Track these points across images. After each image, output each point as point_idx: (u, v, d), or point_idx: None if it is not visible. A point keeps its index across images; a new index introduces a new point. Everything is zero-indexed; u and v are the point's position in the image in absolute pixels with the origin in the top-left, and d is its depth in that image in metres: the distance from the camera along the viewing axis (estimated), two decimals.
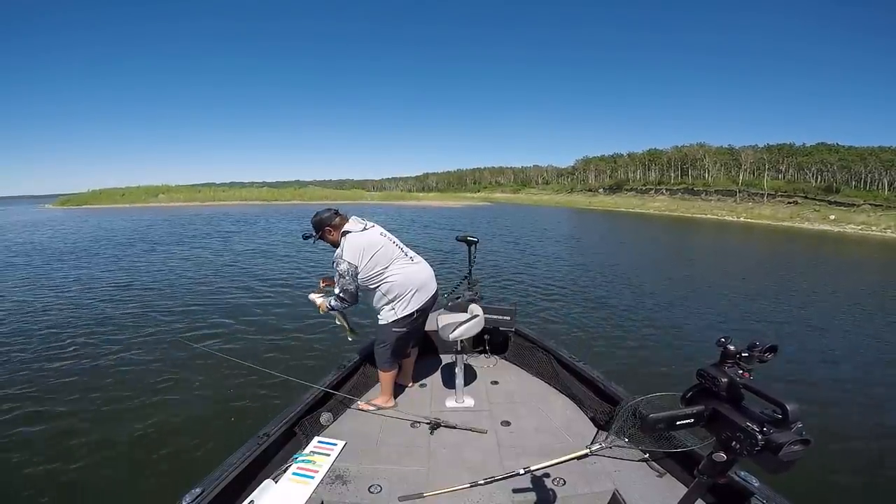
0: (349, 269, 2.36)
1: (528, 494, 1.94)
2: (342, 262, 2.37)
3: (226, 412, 4.13)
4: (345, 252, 2.38)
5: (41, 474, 3.30)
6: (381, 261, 2.42)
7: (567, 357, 2.92)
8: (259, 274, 10.97)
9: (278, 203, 60.93)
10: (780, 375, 5.08)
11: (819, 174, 53.64)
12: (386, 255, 2.44)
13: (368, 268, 2.40)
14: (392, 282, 2.45)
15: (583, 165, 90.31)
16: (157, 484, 3.14)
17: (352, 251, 2.38)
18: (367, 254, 2.39)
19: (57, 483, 3.22)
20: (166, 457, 3.49)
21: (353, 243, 2.39)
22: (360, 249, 2.38)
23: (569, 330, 6.80)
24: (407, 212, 39.51)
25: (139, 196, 65.60)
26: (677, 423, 0.97)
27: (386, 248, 2.46)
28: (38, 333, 6.36)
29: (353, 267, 2.37)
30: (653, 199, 63.16)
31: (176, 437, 3.75)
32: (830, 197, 46.40)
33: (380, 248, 2.43)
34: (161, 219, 31.72)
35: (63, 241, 18.78)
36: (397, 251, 2.51)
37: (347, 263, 2.36)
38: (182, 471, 3.22)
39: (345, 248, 2.39)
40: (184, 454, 3.52)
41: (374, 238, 2.46)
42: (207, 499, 1.64)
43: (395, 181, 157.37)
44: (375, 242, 2.44)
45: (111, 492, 3.17)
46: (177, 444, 3.66)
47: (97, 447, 3.62)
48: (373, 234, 2.48)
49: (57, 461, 3.44)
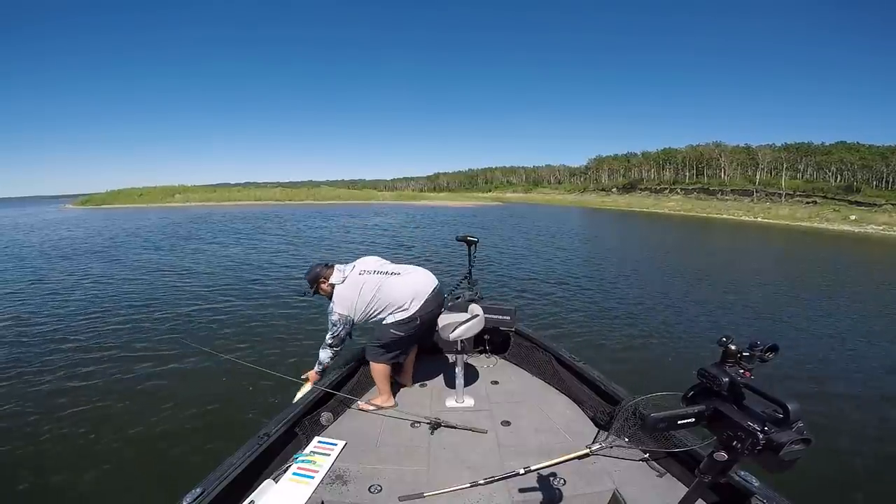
0: (341, 320, 2.54)
1: (528, 494, 1.92)
2: (333, 314, 2.55)
3: (226, 412, 4.16)
4: (336, 305, 2.55)
5: (41, 474, 3.34)
6: (367, 297, 2.53)
7: (567, 357, 2.90)
8: (261, 274, 11.09)
9: (292, 203, 61.56)
10: (780, 375, 5.05)
11: (839, 173, 52.49)
12: (371, 287, 2.54)
13: (362, 310, 2.55)
14: (386, 303, 2.55)
15: (596, 165, 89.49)
16: (158, 484, 3.17)
17: (341, 303, 2.54)
18: (354, 299, 2.53)
19: (57, 483, 3.25)
20: (166, 457, 3.52)
21: (341, 296, 2.55)
22: (348, 300, 2.53)
23: (569, 330, 6.78)
24: (418, 213, 39.62)
25: (156, 196, 67.04)
26: (678, 422, 0.98)
27: (368, 283, 2.55)
28: (40, 333, 6.50)
29: (344, 317, 2.54)
30: (667, 198, 62.39)
31: (176, 437, 3.78)
32: (851, 197, 45.38)
33: (363, 286, 2.54)
34: (185, 218, 32.43)
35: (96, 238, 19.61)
36: (381, 277, 2.58)
37: (338, 315, 2.53)
38: (182, 471, 3.23)
39: (335, 301, 2.56)
40: (184, 454, 3.54)
41: (356, 281, 2.57)
42: (208, 499, 1.64)
43: (407, 181, 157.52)
44: (357, 284, 2.55)
45: (111, 492, 3.19)
46: (177, 444, 3.69)
47: (97, 447, 3.66)
48: (352, 278, 2.58)
49: (57, 461, 3.48)
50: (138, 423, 4.00)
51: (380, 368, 2.63)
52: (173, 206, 56.35)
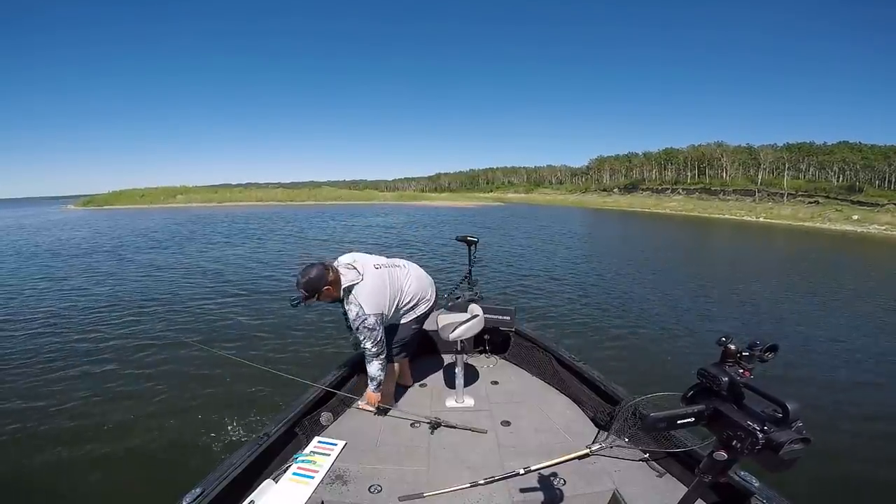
0: (378, 321, 2.32)
1: (528, 494, 1.92)
2: (369, 317, 2.29)
3: (226, 412, 4.15)
4: (366, 307, 2.29)
5: (41, 474, 3.34)
6: (392, 292, 2.41)
7: (567, 357, 2.90)
8: (262, 275, 11.10)
9: (294, 204, 61.64)
10: (780, 375, 5.02)
11: (841, 173, 52.27)
12: (392, 282, 2.44)
13: (390, 306, 2.41)
14: (409, 296, 2.51)
15: (597, 165, 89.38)
16: (158, 484, 3.15)
17: (373, 303, 2.32)
18: (385, 295, 2.37)
19: (57, 483, 3.26)
20: (166, 457, 3.52)
21: (369, 294, 2.32)
22: (379, 297, 2.35)
23: (569, 329, 6.77)
24: (419, 213, 39.65)
25: (158, 197, 67.12)
26: (678, 422, 0.98)
27: (388, 277, 2.44)
28: (39, 332, 6.54)
29: (379, 317, 2.33)
30: (669, 198, 62.28)
31: (176, 437, 3.78)
32: (853, 196, 45.16)
33: (385, 281, 2.41)
34: (189, 219, 32.52)
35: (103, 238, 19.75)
36: (393, 271, 2.50)
37: (374, 317, 2.30)
38: (182, 471, 3.23)
39: (362, 303, 2.29)
40: (184, 454, 3.54)
41: (377, 275, 2.40)
42: (208, 499, 1.64)
43: (408, 181, 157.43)
44: (381, 278, 2.40)
45: (112, 492, 3.19)
46: (177, 443, 3.69)
47: (97, 447, 3.65)
48: (371, 273, 2.38)
49: (57, 461, 3.47)
50: (138, 422, 4.00)
51: (391, 368, 2.65)
52: (175, 207, 56.43)
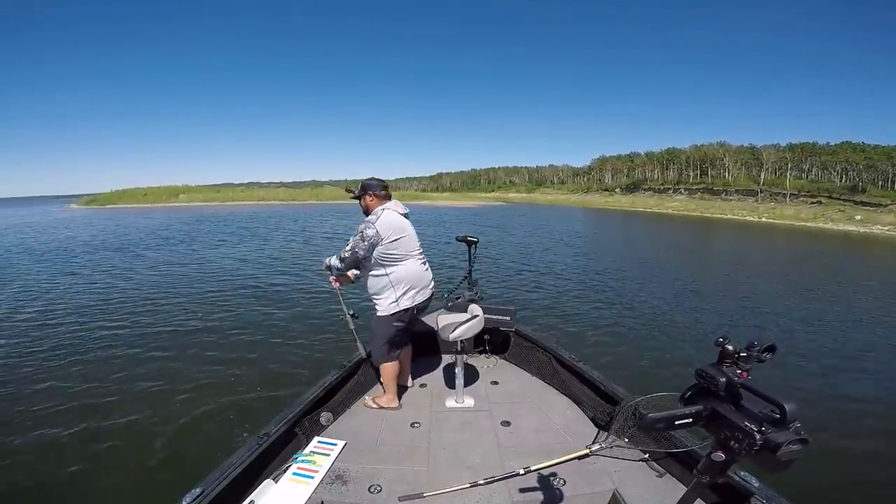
0: (372, 237, 2.46)
1: (528, 494, 1.93)
2: (371, 227, 2.47)
3: (226, 412, 4.15)
4: (378, 221, 2.49)
5: (41, 474, 3.33)
6: (401, 247, 2.54)
7: (567, 357, 2.91)
8: (262, 274, 11.07)
9: (296, 203, 61.75)
10: (778, 375, 5.00)
11: (844, 174, 52.15)
12: (407, 245, 2.58)
13: (389, 247, 2.51)
14: (402, 272, 2.55)
15: (599, 165, 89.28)
16: (158, 484, 3.16)
17: (385, 224, 2.49)
18: (395, 234, 2.51)
19: (56, 484, 3.24)
20: (166, 457, 3.51)
21: (390, 219, 2.53)
22: (392, 227, 2.51)
23: (569, 329, 6.74)
24: (420, 213, 39.60)
25: (161, 196, 67.32)
26: (676, 422, 0.98)
27: (410, 240, 2.60)
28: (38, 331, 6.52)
29: (377, 237, 2.47)
30: (671, 198, 62.20)
31: (176, 437, 3.77)
32: (856, 197, 45.07)
33: (405, 236, 2.56)
34: (192, 218, 32.55)
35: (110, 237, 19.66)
36: (416, 246, 2.65)
37: (375, 231, 2.46)
38: (182, 471, 3.22)
39: (380, 218, 2.50)
40: (184, 454, 3.53)
41: (406, 225, 2.61)
42: (208, 499, 1.65)
43: (410, 181, 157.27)
44: (406, 229, 2.59)
45: (112, 492, 3.18)
46: (177, 444, 3.68)
47: (97, 447, 3.64)
48: (407, 222, 2.64)
49: (57, 462, 3.46)
50: (138, 422, 3.99)
51: (389, 368, 2.66)
52: (178, 206, 56.57)
